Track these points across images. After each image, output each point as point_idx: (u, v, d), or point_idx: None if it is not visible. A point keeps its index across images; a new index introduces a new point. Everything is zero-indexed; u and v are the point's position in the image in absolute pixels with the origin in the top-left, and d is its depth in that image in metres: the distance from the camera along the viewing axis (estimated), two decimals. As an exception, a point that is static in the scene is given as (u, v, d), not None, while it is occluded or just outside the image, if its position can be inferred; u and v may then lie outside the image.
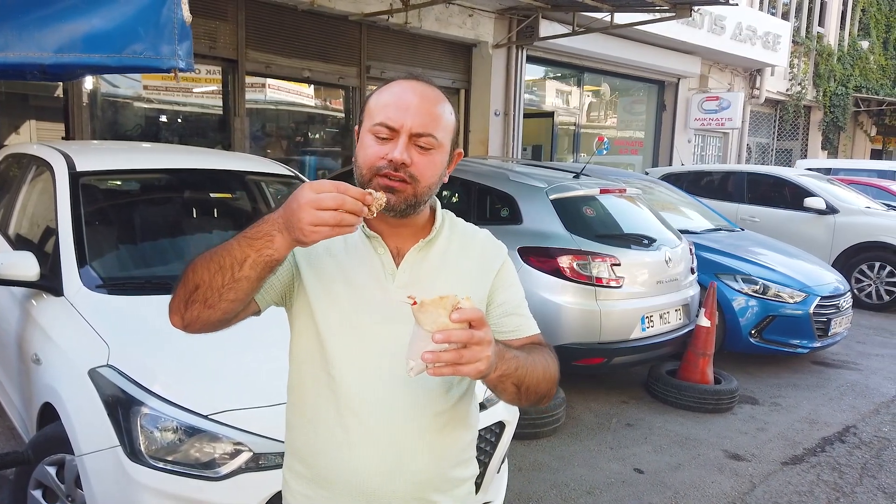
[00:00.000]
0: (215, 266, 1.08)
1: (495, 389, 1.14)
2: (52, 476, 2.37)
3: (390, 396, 1.19)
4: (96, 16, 1.70)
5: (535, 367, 1.16)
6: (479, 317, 0.98)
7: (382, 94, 1.19)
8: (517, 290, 1.31)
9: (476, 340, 0.97)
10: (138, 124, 7.25)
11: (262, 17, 7.30)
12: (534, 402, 1.20)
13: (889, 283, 7.72)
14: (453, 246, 1.27)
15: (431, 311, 0.97)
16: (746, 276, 5.31)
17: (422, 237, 1.24)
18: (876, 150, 19.03)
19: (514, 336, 1.25)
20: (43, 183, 3.24)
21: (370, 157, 1.15)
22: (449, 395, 1.23)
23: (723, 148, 14.61)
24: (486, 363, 0.99)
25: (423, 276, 1.22)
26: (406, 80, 1.19)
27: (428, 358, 0.96)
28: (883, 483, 3.56)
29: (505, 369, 1.08)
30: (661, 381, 4.61)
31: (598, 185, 4.90)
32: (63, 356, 2.38)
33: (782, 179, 8.62)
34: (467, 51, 9.41)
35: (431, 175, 1.17)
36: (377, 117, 1.16)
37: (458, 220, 1.34)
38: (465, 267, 1.26)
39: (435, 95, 1.18)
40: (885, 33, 18.12)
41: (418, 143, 1.15)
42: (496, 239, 1.35)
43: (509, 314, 1.27)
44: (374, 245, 1.23)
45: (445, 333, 0.95)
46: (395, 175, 1.13)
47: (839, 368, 5.57)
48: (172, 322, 1.20)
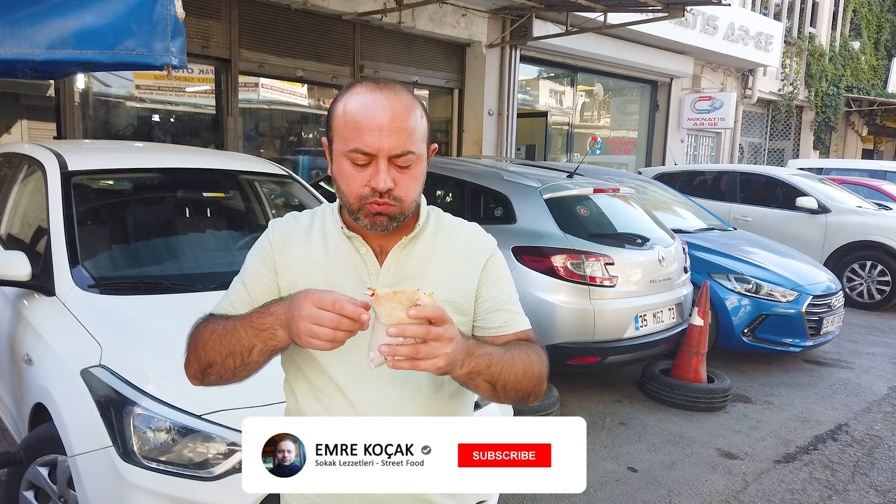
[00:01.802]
0: (226, 350, 1.14)
1: (467, 386, 1.12)
2: (44, 477, 2.35)
3: (381, 398, 1.18)
4: (88, 12, 1.69)
5: (514, 364, 1.13)
6: (438, 314, 0.97)
7: (348, 106, 1.14)
8: (505, 285, 1.27)
9: (433, 336, 0.97)
10: (131, 124, 7.22)
11: (256, 16, 7.27)
12: (516, 399, 1.18)
13: (880, 282, 7.77)
14: (439, 241, 1.25)
15: (386, 304, 0.97)
16: (739, 275, 5.33)
17: (405, 234, 1.21)
18: (867, 149, 19.14)
19: (502, 332, 1.23)
20: (34, 182, 3.22)
21: (353, 188, 1.14)
22: (439, 393, 1.22)
23: (715, 148, 14.66)
24: (446, 360, 0.98)
25: (407, 273, 1.21)
26: (371, 92, 1.13)
27: (383, 350, 0.97)
28: (875, 481, 3.58)
29: (473, 366, 1.06)
30: (654, 380, 4.63)
31: (592, 185, 4.92)
32: (55, 356, 2.37)
33: (774, 179, 8.66)
34: (461, 50, 9.41)
35: (415, 189, 1.17)
36: (350, 142, 1.12)
37: (444, 215, 1.31)
38: (450, 262, 1.24)
39: (404, 105, 1.13)
40: (876, 34, 18.23)
41: (397, 164, 1.13)
42: (485, 233, 1.32)
43: (496, 309, 1.24)
44: (356, 245, 1.22)
45: (399, 328, 0.96)
46: (382, 201, 1.13)
47: (831, 367, 5.60)
48: (192, 383, 1.26)
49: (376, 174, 1.11)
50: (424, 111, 1.19)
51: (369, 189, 1.12)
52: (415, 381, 1.18)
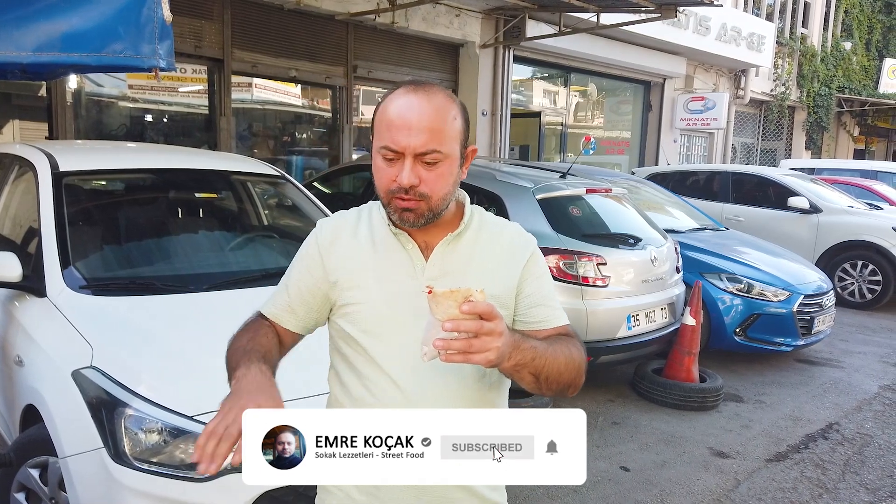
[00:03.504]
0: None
1: (512, 378, 1.17)
2: (35, 479, 2.35)
3: (429, 387, 1.22)
4: (75, 15, 1.69)
5: (556, 357, 1.18)
6: (489, 309, 1.02)
7: (386, 109, 1.21)
8: (545, 282, 1.33)
9: (486, 331, 1.01)
10: (123, 124, 7.19)
11: (248, 16, 7.26)
12: (557, 391, 1.23)
13: (871, 282, 7.81)
14: (482, 239, 1.31)
15: (443, 301, 1.02)
16: (731, 274, 5.36)
17: (450, 231, 1.27)
18: (859, 150, 19.26)
19: (542, 327, 1.28)
20: (26, 183, 3.21)
21: (383, 182, 1.21)
22: (481, 383, 1.26)
23: (708, 148, 14.71)
24: (496, 353, 1.03)
25: (452, 268, 1.26)
26: (407, 94, 1.20)
27: (439, 345, 1.01)
28: (865, 479, 3.60)
29: (520, 359, 1.10)
30: (646, 380, 4.64)
31: (585, 185, 4.92)
32: (46, 358, 2.36)
33: (767, 179, 8.70)
34: (454, 51, 9.41)
35: (442, 187, 1.21)
36: (382, 139, 1.19)
37: (487, 214, 1.37)
38: (493, 259, 1.29)
39: (436, 106, 1.19)
40: (867, 34, 18.33)
41: (424, 161, 1.18)
42: (526, 232, 1.38)
43: (537, 305, 1.29)
44: (402, 241, 1.27)
45: (454, 322, 1.01)
46: (407, 197, 1.19)
47: (822, 366, 5.63)
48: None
49: (401, 171, 1.18)
50: (462, 113, 1.24)
51: (396, 185, 1.19)
52: (459, 371, 1.22)
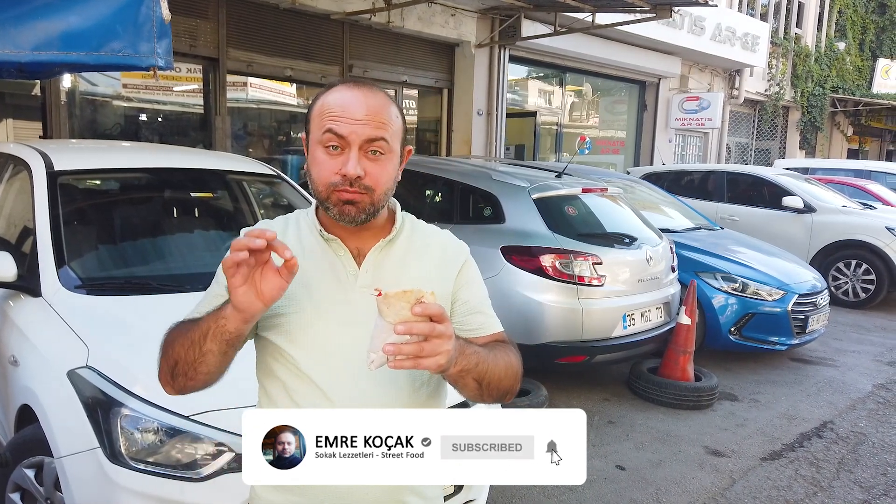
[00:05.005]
0: (188, 341, 1.12)
1: (456, 385, 1.14)
2: (30, 479, 2.34)
3: (360, 396, 1.18)
4: (73, 14, 1.68)
5: (497, 363, 1.16)
6: (440, 312, 0.99)
7: (327, 99, 1.18)
8: (480, 289, 1.31)
9: (437, 333, 0.99)
10: (118, 123, 7.17)
11: (244, 15, 7.24)
12: (496, 398, 1.21)
13: (865, 281, 7.85)
14: (415, 245, 1.28)
15: (395, 303, 0.99)
16: (726, 274, 5.37)
17: (382, 237, 1.24)
18: (852, 149, 19.33)
19: (479, 334, 1.26)
20: (20, 182, 3.20)
21: (324, 175, 1.16)
22: (418, 393, 1.23)
23: (703, 148, 14.75)
24: (446, 357, 1.01)
25: (385, 275, 1.22)
26: (349, 88, 1.18)
27: (389, 350, 0.97)
28: (859, 477, 3.62)
29: (465, 364, 1.08)
30: (642, 379, 4.65)
31: (580, 185, 4.94)
32: (41, 358, 2.36)
33: (761, 179, 8.73)
34: (450, 50, 9.41)
35: (386, 181, 1.18)
36: (325, 124, 1.15)
37: (418, 221, 1.34)
38: (427, 265, 1.26)
39: (380, 100, 1.18)
40: (861, 35, 18.40)
41: (370, 149, 1.15)
42: (458, 238, 1.35)
43: (474, 312, 1.27)
44: (334, 248, 1.23)
45: (407, 325, 0.97)
46: (352, 189, 1.15)
47: (817, 365, 5.65)
48: (167, 392, 1.22)
49: (347, 161, 1.14)
50: (401, 113, 1.22)
51: (339, 176, 1.14)
52: (394, 380, 1.19)
